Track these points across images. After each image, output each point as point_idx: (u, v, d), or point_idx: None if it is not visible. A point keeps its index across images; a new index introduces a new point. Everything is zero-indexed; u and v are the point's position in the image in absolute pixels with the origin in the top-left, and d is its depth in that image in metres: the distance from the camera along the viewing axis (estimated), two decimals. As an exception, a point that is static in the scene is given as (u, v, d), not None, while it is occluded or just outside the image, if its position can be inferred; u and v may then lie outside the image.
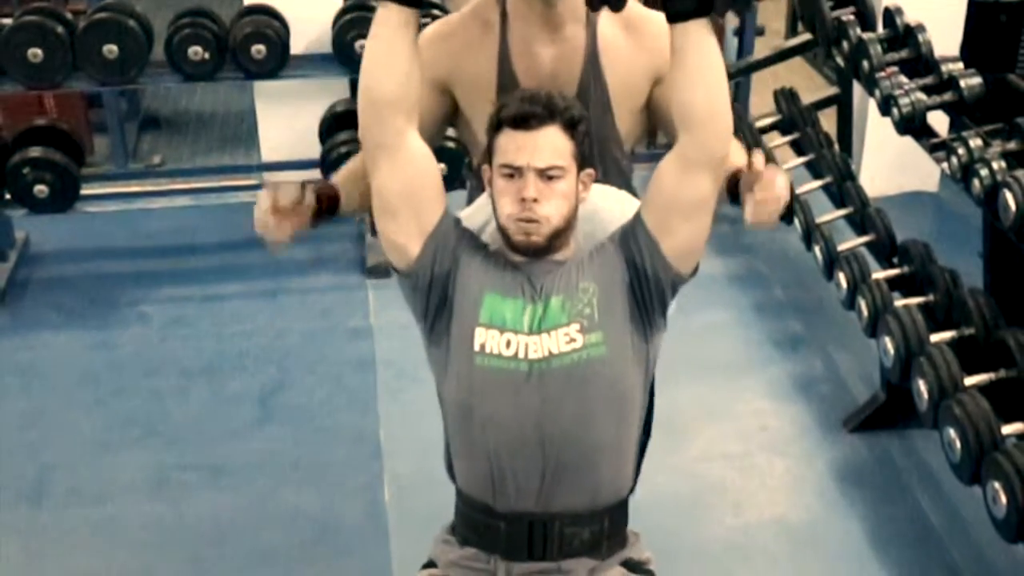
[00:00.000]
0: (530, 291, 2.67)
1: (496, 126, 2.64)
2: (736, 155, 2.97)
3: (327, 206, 2.92)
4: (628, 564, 2.83)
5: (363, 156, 2.80)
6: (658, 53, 2.84)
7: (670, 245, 2.64)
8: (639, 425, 2.80)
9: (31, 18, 5.56)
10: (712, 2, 2.50)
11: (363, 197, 2.88)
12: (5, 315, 5.78)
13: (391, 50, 2.57)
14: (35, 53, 5.52)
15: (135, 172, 6.90)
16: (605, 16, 2.97)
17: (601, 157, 3.01)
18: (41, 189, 5.68)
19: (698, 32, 2.52)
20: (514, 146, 2.60)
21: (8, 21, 5.62)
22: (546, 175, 2.59)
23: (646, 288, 2.68)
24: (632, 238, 2.67)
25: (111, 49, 5.59)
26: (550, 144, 2.59)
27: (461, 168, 5.42)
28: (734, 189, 2.85)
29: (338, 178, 3.04)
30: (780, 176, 2.70)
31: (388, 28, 2.57)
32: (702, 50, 2.53)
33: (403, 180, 2.65)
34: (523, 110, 2.59)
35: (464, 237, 2.75)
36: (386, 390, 5.07)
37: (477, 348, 2.65)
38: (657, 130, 3.21)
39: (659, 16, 2.90)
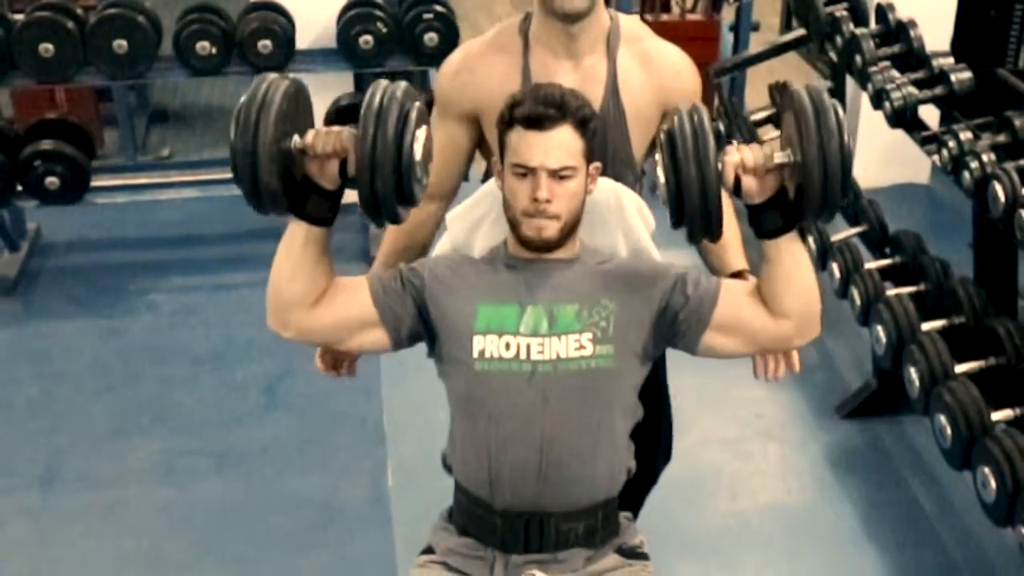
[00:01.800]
0: (529, 293, 2.67)
1: (508, 122, 2.62)
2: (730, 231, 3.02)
3: None
4: (622, 550, 2.82)
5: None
6: (666, 89, 2.97)
7: (711, 340, 2.67)
8: (629, 429, 2.80)
9: (42, 14, 5.57)
10: (799, 217, 2.51)
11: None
12: (17, 304, 5.79)
13: (297, 262, 2.59)
14: (46, 48, 5.52)
15: (144, 164, 6.88)
16: (623, 49, 2.97)
17: (614, 178, 3.01)
18: (52, 181, 5.67)
19: (789, 244, 2.55)
20: (527, 146, 2.58)
21: (20, 17, 5.62)
22: (558, 175, 2.58)
23: (667, 332, 2.69)
24: (687, 302, 2.66)
25: (120, 44, 5.59)
26: (563, 145, 2.58)
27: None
28: None
29: (376, 268, 3.09)
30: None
31: (296, 242, 2.59)
32: (794, 258, 2.57)
33: (328, 328, 2.70)
34: (536, 111, 2.57)
35: (420, 269, 2.75)
36: (389, 378, 5.06)
37: (476, 355, 2.65)
38: None
39: (670, 51, 3.04)
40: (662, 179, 2.50)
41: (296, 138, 2.51)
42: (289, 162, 2.51)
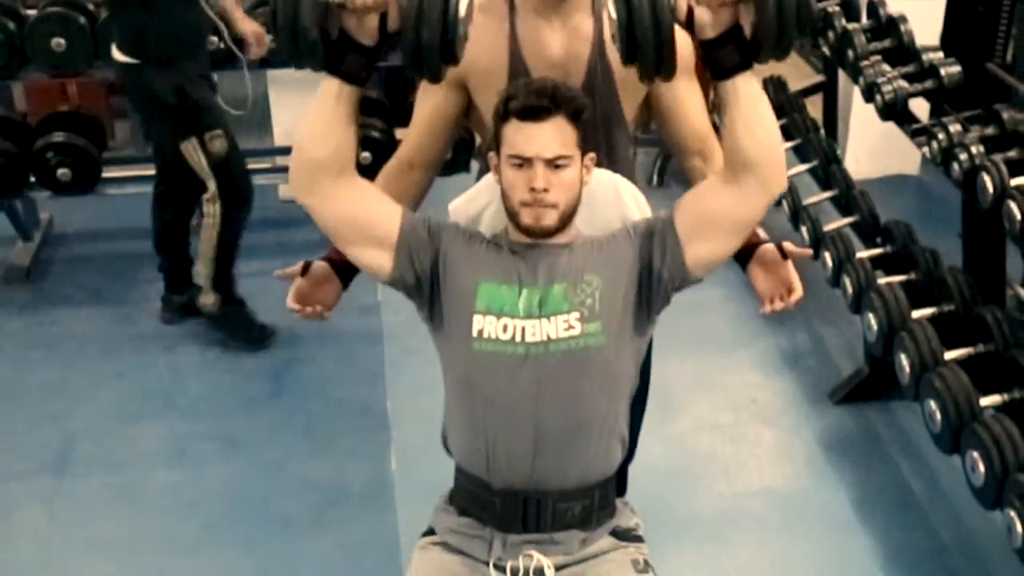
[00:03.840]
0: (528, 276, 2.66)
1: (503, 116, 2.61)
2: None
3: (344, 260, 2.90)
4: (617, 532, 2.81)
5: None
6: None
7: (695, 253, 2.63)
8: (628, 405, 2.79)
9: (54, 9, 5.56)
10: (756, 54, 2.46)
11: None
12: (30, 292, 5.79)
13: (327, 120, 2.57)
14: (58, 42, 5.50)
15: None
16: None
17: (608, 142, 2.99)
18: (64, 172, 5.65)
19: (746, 83, 2.49)
20: (523, 137, 2.57)
21: (33, 12, 5.61)
22: (554, 164, 2.57)
23: (654, 289, 2.67)
24: (656, 239, 2.64)
25: (131, 39, 5.57)
26: (557, 135, 2.57)
27: (466, 152, 5.39)
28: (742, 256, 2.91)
29: None
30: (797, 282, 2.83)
31: (328, 99, 2.56)
32: (753, 99, 2.51)
33: (346, 216, 2.66)
34: (530, 103, 2.57)
35: (442, 230, 2.73)
36: (393, 364, 5.07)
37: (475, 334, 2.64)
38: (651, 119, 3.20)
39: None
40: (613, 12, 2.45)
41: None
42: (326, 18, 2.46)
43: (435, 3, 2.42)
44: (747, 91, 2.49)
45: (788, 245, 2.83)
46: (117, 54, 4.86)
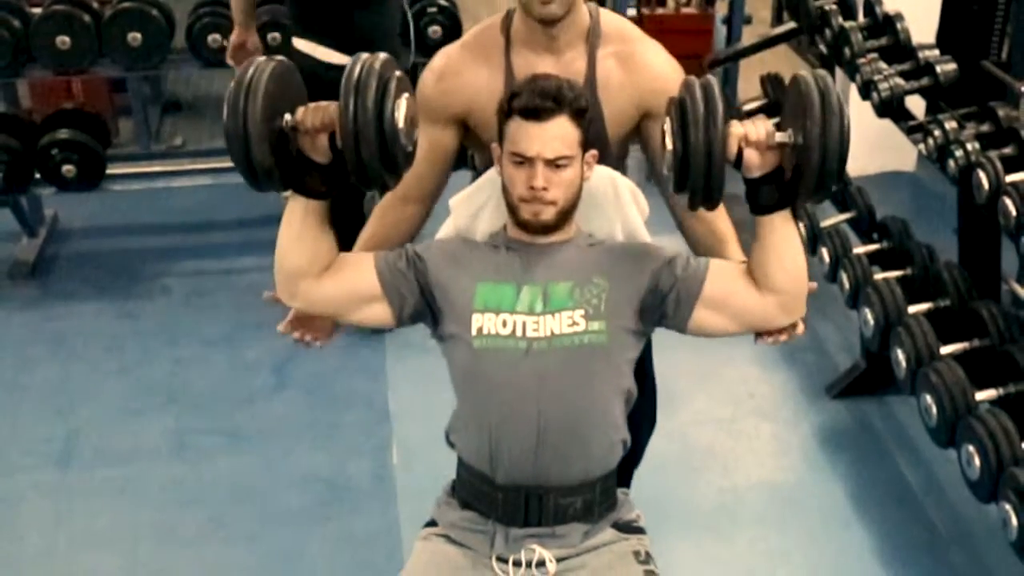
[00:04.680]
0: (527, 273, 2.68)
1: (507, 112, 2.63)
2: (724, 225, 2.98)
3: None
4: (618, 525, 2.82)
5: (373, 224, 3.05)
6: (648, 92, 2.89)
7: (701, 318, 2.67)
8: (628, 403, 2.79)
9: (59, 7, 5.55)
10: (794, 195, 2.53)
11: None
12: (35, 288, 5.78)
13: (298, 234, 2.61)
14: (63, 40, 5.50)
15: (158, 153, 6.86)
16: (604, 48, 2.94)
17: None
18: (69, 169, 5.64)
19: (783, 222, 2.57)
20: (525, 136, 2.59)
21: (38, 10, 5.60)
22: (555, 164, 2.59)
23: (657, 310, 2.69)
24: (679, 283, 2.66)
25: (135, 37, 5.57)
26: (559, 135, 2.58)
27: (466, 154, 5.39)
28: None
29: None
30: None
31: (296, 216, 2.60)
32: (785, 236, 2.58)
33: (334, 301, 2.71)
34: (534, 103, 2.58)
35: (423, 253, 2.75)
36: (394, 358, 5.06)
37: (475, 332, 2.65)
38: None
39: (653, 55, 2.96)
40: (669, 144, 2.49)
41: (287, 116, 2.50)
42: (283, 139, 2.51)
43: (369, 121, 2.45)
44: (783, 229, 2.57)
45: None
46: (332, 55, 4.76)
